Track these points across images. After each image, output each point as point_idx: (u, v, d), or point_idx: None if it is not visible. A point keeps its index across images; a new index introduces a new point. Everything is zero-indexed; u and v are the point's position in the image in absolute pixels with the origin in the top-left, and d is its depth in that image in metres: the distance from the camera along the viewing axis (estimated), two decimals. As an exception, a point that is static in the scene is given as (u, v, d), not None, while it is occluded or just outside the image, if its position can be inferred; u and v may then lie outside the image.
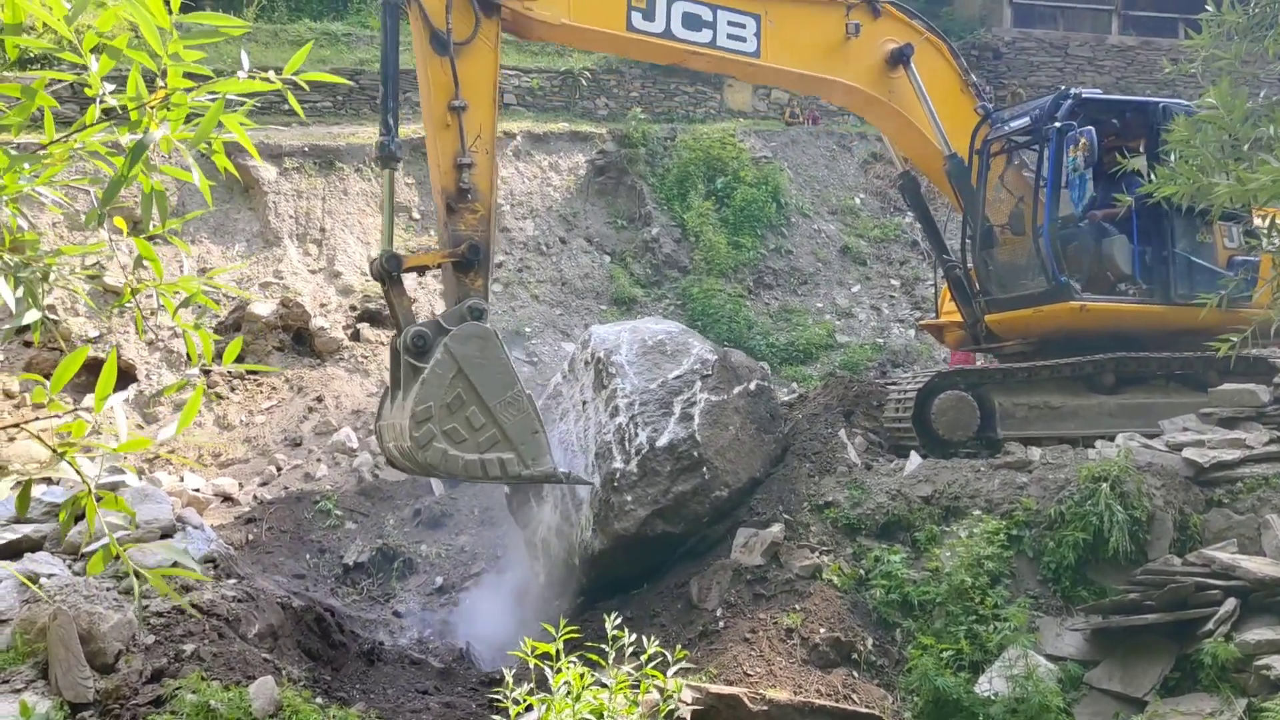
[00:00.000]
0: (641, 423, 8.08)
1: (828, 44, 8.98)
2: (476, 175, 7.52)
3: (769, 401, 8.88)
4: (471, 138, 7.49)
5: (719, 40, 8.54)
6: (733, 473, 8.22)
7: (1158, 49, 20.81)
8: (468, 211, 7.52)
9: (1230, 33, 6.33)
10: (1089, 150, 8.62)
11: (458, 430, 7.13)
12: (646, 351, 8.57)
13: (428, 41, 7.48)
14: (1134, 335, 9.12)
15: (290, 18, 19.13)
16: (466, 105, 7.48)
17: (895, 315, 16.61)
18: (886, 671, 6.85)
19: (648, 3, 8.26)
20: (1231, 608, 6.19)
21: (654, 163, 17.16)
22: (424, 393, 7.07)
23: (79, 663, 6.17)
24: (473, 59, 7.60)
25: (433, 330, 7.25)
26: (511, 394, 7.26)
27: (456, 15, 7.52)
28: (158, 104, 2.11)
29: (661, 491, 7.97)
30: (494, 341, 7.33)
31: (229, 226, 13.70)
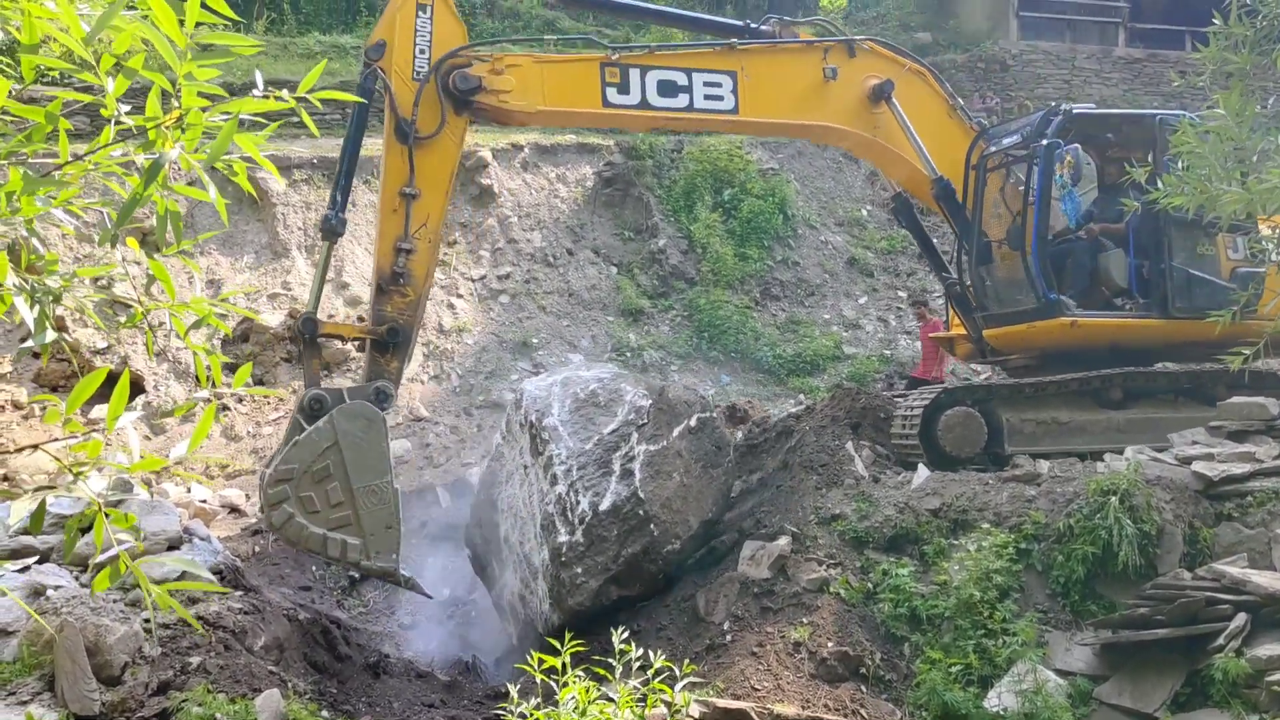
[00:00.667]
0: (582, 488, 7.87)
1: (806, 90, 8.89)
2: (414, 261, 7.62)
3: (713, 433, 8.59)
4: (416, 225, 7.61)
5: (696, 103, 8.49)
6: (682, 522, 7.98)
7: (1164, 61, 20.80)
8: (397, 294, 7.62)
9: (1238, 45, 6.33)
10: (1075, 167, 8.62)
11: (313, 500, 7.15)
12: (579, 406, 8.35)
13: (393, 129, 7.63)
14: (1132, 350, 9.10)
15: (300, 31, 19.23)
16: (418, 194, 7.61)
17: (902, 327, 16.59)
18: (895, 686, 6.82)
19: (621, 76, 8.25)
20: (1242, 623, 6.15)
21: (661, 174, 17.20)
22: (293, 453, 7.14)
23: (85, 675, 6.17)
24: (434, 151, 7.72)
25: (332, 398, 7.34)
26: (379, 483, 7.27)
27: (425, 108, 7.65)
28: (172, 124, 2.13)
29: (611, 558, 7.76)
30: (379, 427, 7.34)
31: (237, 238, 13.74)
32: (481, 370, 13.86)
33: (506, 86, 7.93)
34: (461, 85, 7.73)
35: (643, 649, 4.63)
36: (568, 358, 14.49)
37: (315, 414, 7.25)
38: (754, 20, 9.57)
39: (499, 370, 13.88)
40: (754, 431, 11.05)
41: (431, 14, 7.75)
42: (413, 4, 7.70)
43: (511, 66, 7.96)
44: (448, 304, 14.45)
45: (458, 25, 7.93)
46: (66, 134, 2.42)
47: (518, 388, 9.33)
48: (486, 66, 7.88)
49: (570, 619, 7.63)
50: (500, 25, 20.46)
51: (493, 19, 20.62)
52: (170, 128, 2.12)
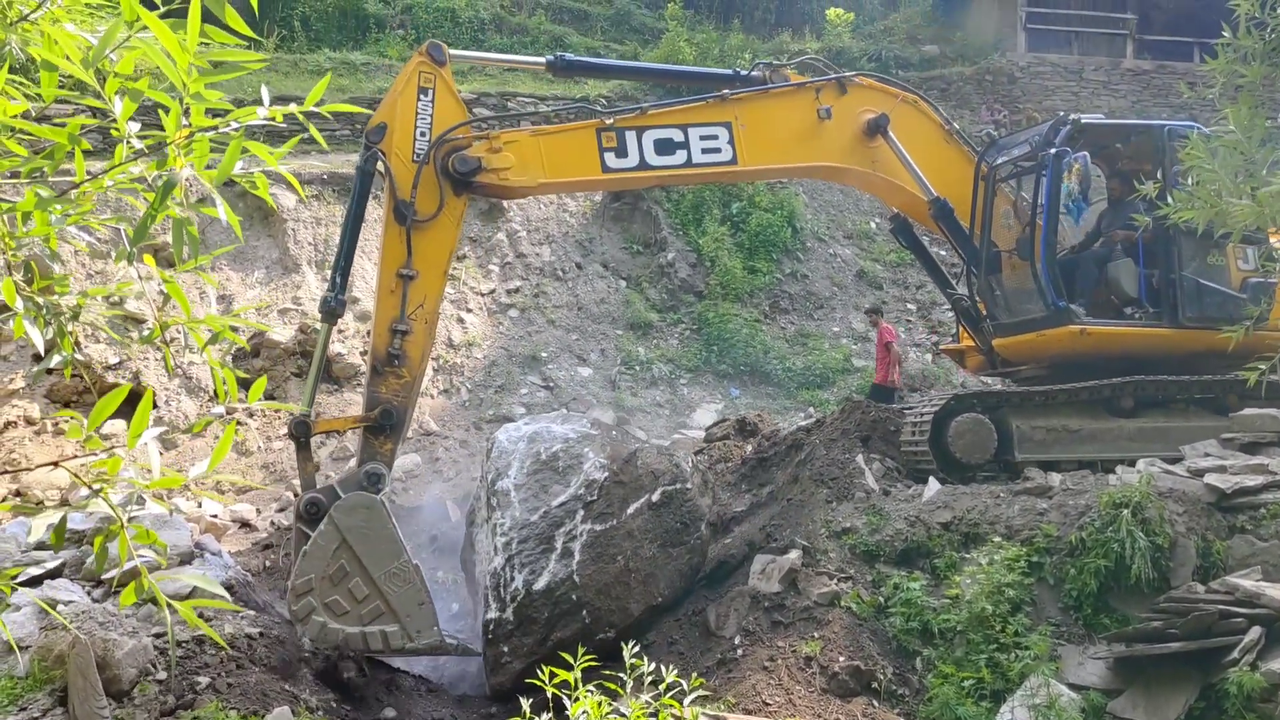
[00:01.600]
0: (519, 564, 7.68)
1: (802, 132, 8.88)
2: (409, 343, 7.55)
3: (681, 507, 8.14)
4: (413, 306, 7.56)
5: (695, 158, 8.46)
6: (619, 610, 7.72)
7: (1173, 73, 20.81)
8: (392, 376, 7.53)
9: (1247, 57, 6.33)
10: (1083, 176, 8.62)
11: (339, 603, 7.10)
12: (538, 470, 8.12)
13: (392, 211, 7.60)
14: (1142, 359, 9.08)
15: (309, 48, 19.38)
16: (416, 275, 7.55)
17: (912, 339, 16.57)
18: (907, 700, 6.78)
19: (618, 140, 8.23)
20: (1256, 636, 6.11)
21: (669, 189, 17.25)
22: (305, 565, 7.07)
23: (96, 692, 6.18)
24: (432, 233, 7.67)
25: (328, 498, 7.24)
26: (397, 565, 7.20)
27: (424, 189, 7.61)
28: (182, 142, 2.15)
29: (539, 641, 7.54)
30: (380, 512, 7.25)
31: (249, 253, 13.82)
32: (491, 384, 13.88)
33: (506, 164, 7.90)
34: (461, 168, 7.69)
35: (654, 663, 4.61)
36: (577, 371, 14.50)
37: (314, 518, 7.19)
38: (751, 61, 9.59)
39: (509, 384, 13.90)
40: (764, 445, 11.04)
41: (433, 96, 7.74)
42: (414, 87, 7.69)
43: (509, 143, 7.93)
44: (457, 318, 14.50)
45: (459, 108, 7.89)
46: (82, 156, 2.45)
47: (492, 436, 9.09)
48: (485, 145, 7.84)
49: (496, 695, 7.54)
50: (509, 41, 20.60)
51: (501, 34, 20.76)
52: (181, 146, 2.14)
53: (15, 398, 11.48)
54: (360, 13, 20.45)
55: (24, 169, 2.24)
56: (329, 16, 20.32)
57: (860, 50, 20.77)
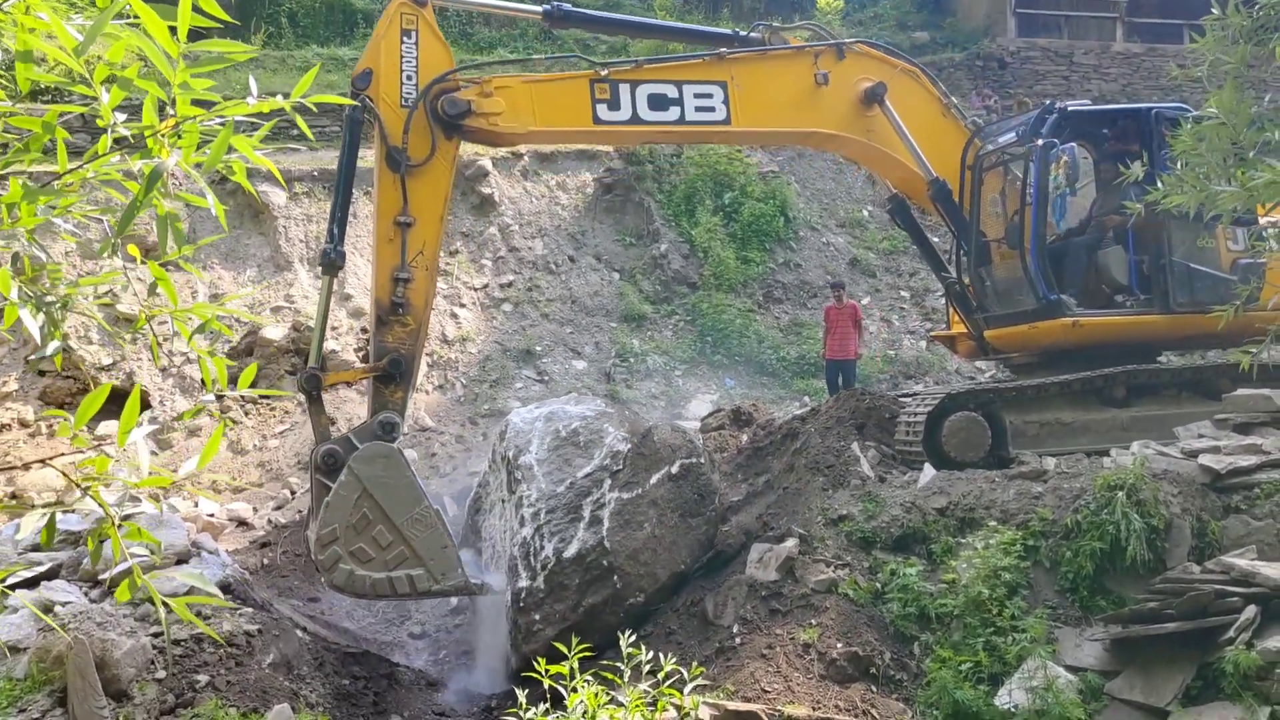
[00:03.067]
0: (548, 533, 7.74)
1: (798, 96, 8.81)
2: (412, 290, 7.58)
3: (697, 480, 8.29)
4: (413, 253, 7.57)
5: (688, 115, 8.43)
6: (648, 575, 7.80)
7: (1163, 55, 20.83)
8: (397, 324, 7.58)
9: (1235, 36, 6.33)
10: (1071, 168, 8.59)
11: (364, 550, 7.26)
12: (559, 445, 8.19)
13: (384, 158, 7.58)
14: (1135, 346, 9.07)
15: (297, 44, 19.32)
16: (413, 222, 7.57)
17: (906, 327, 16.59)
18: (905, 685, 6.80)
19: (612, 93, 8.21)
20: (1252, 615, 6.13)
21: (661, 180, 17.23)
22: (328, 515, 7.21)
23: (95, 692, 6.17)
24: (427, 178, 7.67)
25: (344, 448, 7.36)
26: (419, 510, 7.35)
27: (415, 135, 7.60)
28: (168, 132, 2.14)
29: (570, 607, 7.60)
30: (398, 460, 7.39)
31: (240, 252, 13.78)
32: (486, 379, 13.87)
33: (496, 109, 7.88)
34: (450, 110, 7.68)
35: (652, 652, 4.62)
36: (571, 364, 14.50)
37: (332, 469, 7.31)
38: (750, 24, 9.54)
39: (503, 379, 13.90)
40: (759, 434, 11.04)
41: (416, 39, 7.70)
42: (397, 30, 7.66)
43: (500, 88, 7.91)
44: (450, 313, 14.48)
45: (443, 49, 7.87)
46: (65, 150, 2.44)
47: (505, 418, 9.18)
48: (475, 90, 7.82)
49: (525, 665, 7.56)
50: (498, 34, 20.53)
51: (490, 27, 20.69)
52: (167, 135, 2.13)
53: (9, 400, 11.45)
54: (348, 8, 20.38)
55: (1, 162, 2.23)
56: (316, 12, 20.24)
57: (850, 37, 20.74)
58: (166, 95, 2.16)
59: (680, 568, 8.02)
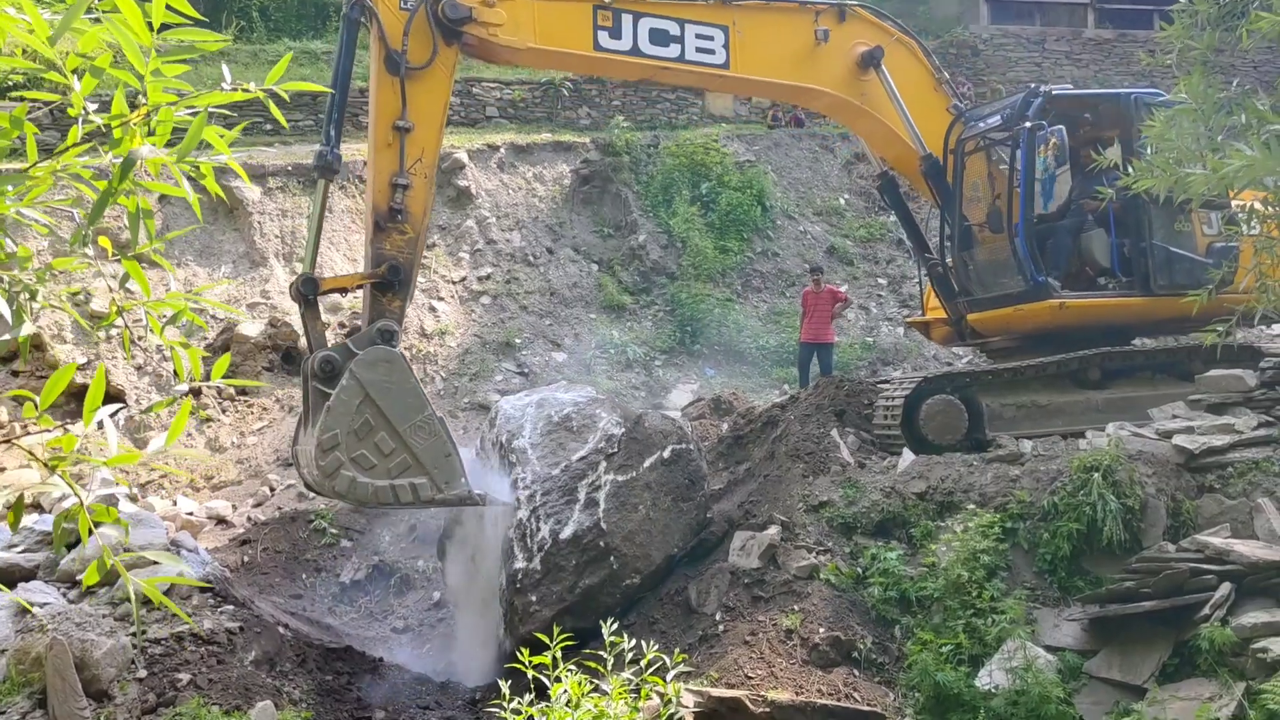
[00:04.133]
0: (544, 515, 7.73)
1: (797, 51, 8.90)
2: (410, 198, 7.45)
3: (687, 465, 8.38)
4: (411, 160, 7.44)
5: (688, 54, 8.47)
6: (644, 557, 7.84)
7: (1134, 41, 20.98)
8: (395, 232, 7.44)
9: (1202, 23, 6.39)
10: (1059, 150, 8.66)
11: (366, 456, 7.02)
12: (551, 430, 8.20)
13: (382, 60, 7.42)
14: (1117, 329, 9.15)
15: (269, 38, 19.16)
16: (412, 127, 7.43)
17: (883, 314, 16.67)
18: (887, 668, 6.86)
19: (614, 21, 8.19)
20: (1227, 592, 6.21)
21: (638, 170, 17.21)
22: (330, 420, 6.97)
23: (75, 693, 6.14)
24: (426, 84, 7.54)
25: (342, 355, 7.15)
26: (422, 418, 7.16)
27: (415, 39, 7.47)
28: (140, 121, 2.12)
29: (568, 588, 7.61)
30: (401, 364, 7.22)
31: (215, 248, 13.67)
32: (465, 372, 13.84)
33: (497, 20, 7.78)
34: (451, 14, 7.55)
35: (635, 640, 4.64)
36: (551, 356, 14.48)
37: (330, 375, 7.07)
38: None
39: (483, 372, 13.86)
40: (740, 423, 11.08)
41: None
42: None
43: (503, 0, 7.83)
44: (429, 307, 14.42)
45: None
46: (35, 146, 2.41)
47: (494, 405, 9.13)
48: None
49: (520, 646, 7.55)
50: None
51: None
52: (138, 125, 2.11)
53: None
54: (319, 1, 20.22)
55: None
56: (288, 6, 20.09)
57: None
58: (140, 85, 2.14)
59: (673, 550, 8.07)
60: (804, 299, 13.88)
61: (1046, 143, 8.79)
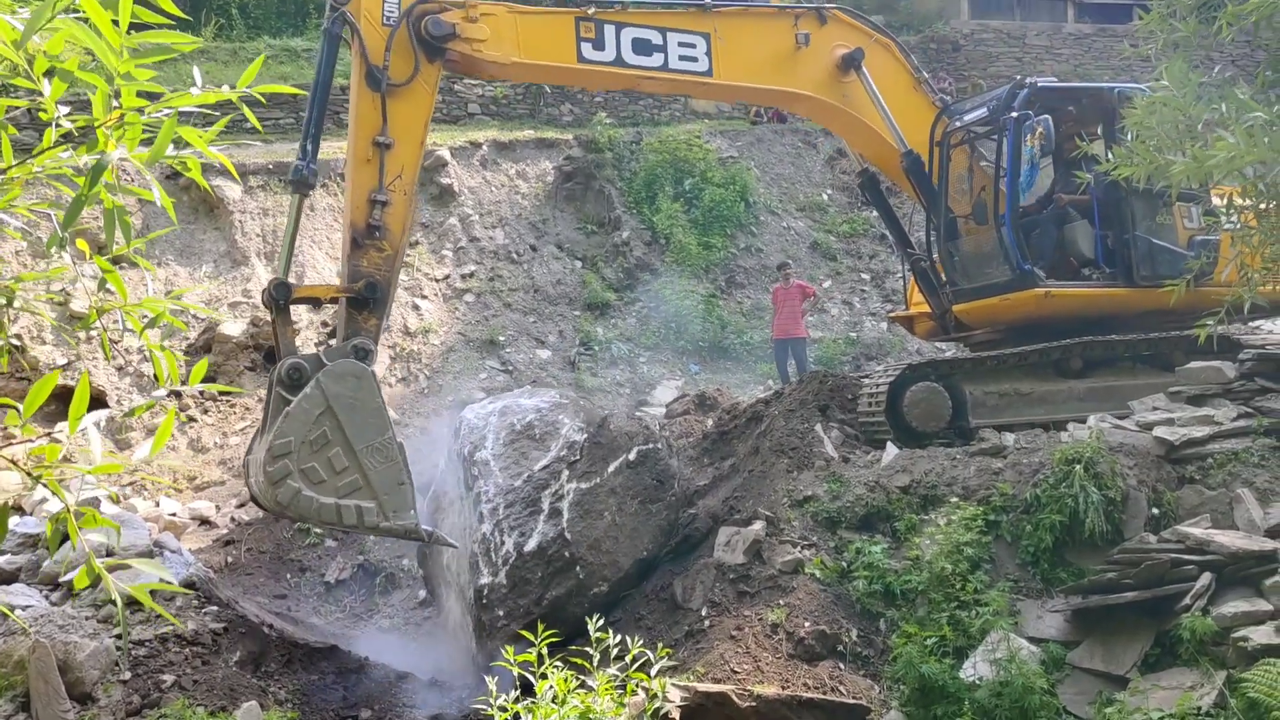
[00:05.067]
0: (507, 528, 7.68)
1: (779, 55, 8.92)
2: (389, 215, 7.33)
3: (655, 466, 8.33)
4: (391, 176, 7.34)
5: (671, 63, 8.45)
6: (611, 564, 7.82)
7: (1113, 35, 21.09)
8: (373, 249, 7.31)
9: (1180, 13, 6.43)
10: (1046, 139, 8.71)
11: (316, 470, 6.76)
12: (514, 439, 8.13)
13: (363, 75, 7.34)
14: (1100, 319, 9.21)
15: (249, 35, 19.04)
16: (392, 143, 7.34)
17: (867, 309, 16.71)
18: (872, 661, 6.89)
19: (597, 32, 8.16)
20: (1207, 582, 6.27)
21: (621, 167, 17.19)
22: (286, 426, 6.73)
23: (59, 695, 6.10)
24: (407, 100, 7.46)
25: (311, 364, 6.96)
26: (382, 440, 6.92)
27: (397, 55, 7.39)
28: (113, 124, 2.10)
29: (534, 601, 7.57)
30: (370, 382, 7.01)
31: (195, 247, 13.59)
32: (449, 370, 13.81)
33: (481, 35, 7.73)
34: (435, 31, 7.48)
35: (620, 636, 4.65)
36: (535, 354, 14.47)
37: (297, 383, 6.87)
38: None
39: (467, 369, 13.84)
40: (724, 418, 11.09)
41: None
42: None
43: (486, 15, 7.77)
44: (412, 305, 14.38)
45: None
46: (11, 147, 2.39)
47: (459, 415, 9.04)
48: (461, 13, 7.65)
49: (491, 661, 7.50)
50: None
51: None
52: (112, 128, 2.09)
53: (-39, 403, 11.23)
54: (300, -2, 20.12)
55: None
56: (268, 3, 19.96)
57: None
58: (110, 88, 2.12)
59: (643, 554, 8.03)
60: (774, 295, 13.99)
61: (1033, 132, 8.84)
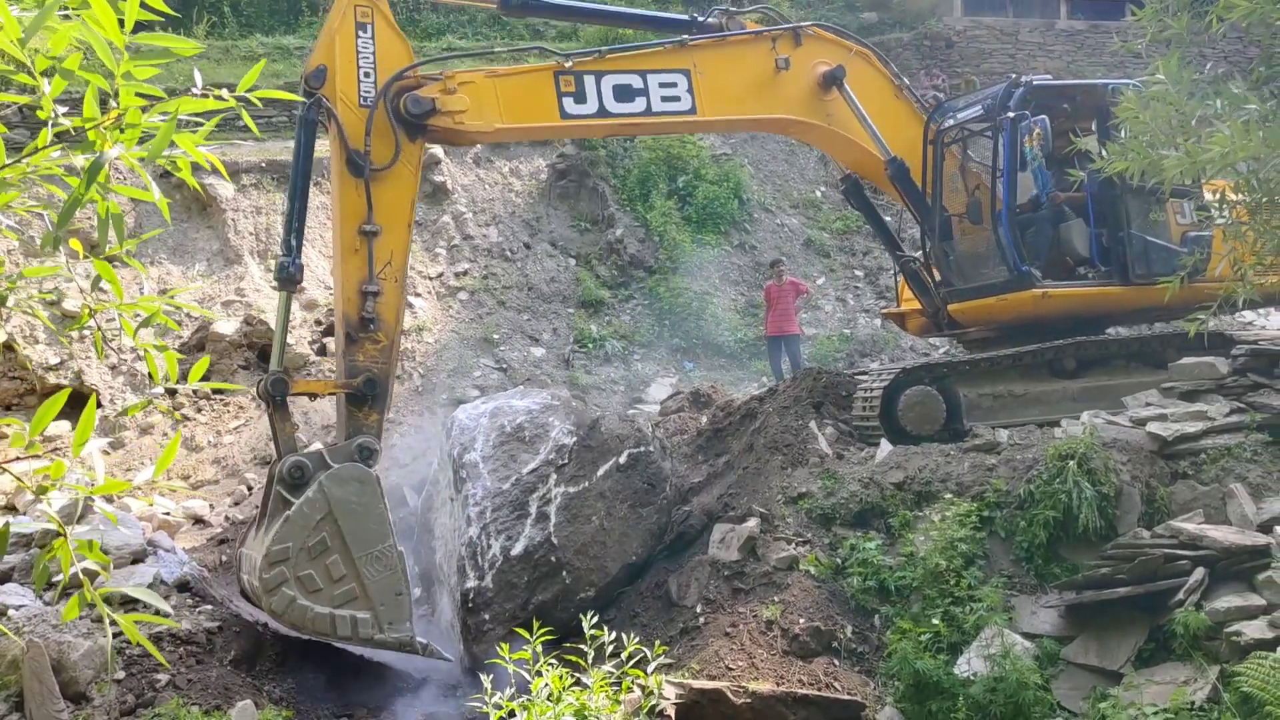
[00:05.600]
0: (494, 531, 7.64)
1: (760, 82, 8.78)
2: (382, 305, 7.16)
3: (646, 469, 8.31)
4: (380, 264, 7.16)
5: (654, 106, 8.30)
6: (598, 569, 7.79)
7: (1106, 32, 21.09)
8: (369, 342, 7.14)
9: (1173, 9, 6.44)
10: (1044, 139, 8.71)
11: (313, 578, 6.70)
12: (504, 441, 8.08)
13: (343, 162, 7.15)
14: (1096, 318, 9.23)
15: (241, 33, 18.98)
16: (379, 230, 7.15)
17: (860, 305, 16.72)
18: (867, 658, 6.91)
19: (577, 85, 8.00)
20: (1200, 577, 6.30)
21: (615, 164, 17.18)
22: (285, 531, 6.64)
23: (53, 695, 6.09)
24: (391, 183, 7.27)
25: (314, 463, 6.85)
26: (382, 548, 6.84)
27: (377, 138, 7.21)
28: (110, 124, 2.09)
29: (520, 605, 7.52)
30: (373, 488, 6.90)
31: (188, 246, 13.56)
32: (443, 368, 13.79)
33: (461, 106, 7.54)
34: (414, 109, 7.30)
35: (615, 633, 4.65)
36: (530, 351, 14.45)
37: (298, 483, 6.76)
38: (704, 8, 9.47)
39: (461, 368, 13.82)
40: (718, 415, 11.10)
41: (372, 32, 7.30)
42: (351, 23, 7.25)
43: (464, 84, 7.59)
44: (406, 303, 14.36)
45: (401, 42, 7.50)
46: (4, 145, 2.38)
47: (450, 416, 8.98)
48: (438, 86, 7.48)
49: (477, 664, 7.34)
50: (446, 20, 20.32)
51: (438, 14, 20.48)
52: (109, 128, 2.08)
53: (-47, 403, 11.20)
54: (292, -4, 20.05)
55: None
56: (260, 1, 19.89)
57: (799, 18, 20.79)
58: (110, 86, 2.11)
59: (632, 559, 8.01)
60: (767, 293, 14.01)
61: (1031, 133, 8.83)
